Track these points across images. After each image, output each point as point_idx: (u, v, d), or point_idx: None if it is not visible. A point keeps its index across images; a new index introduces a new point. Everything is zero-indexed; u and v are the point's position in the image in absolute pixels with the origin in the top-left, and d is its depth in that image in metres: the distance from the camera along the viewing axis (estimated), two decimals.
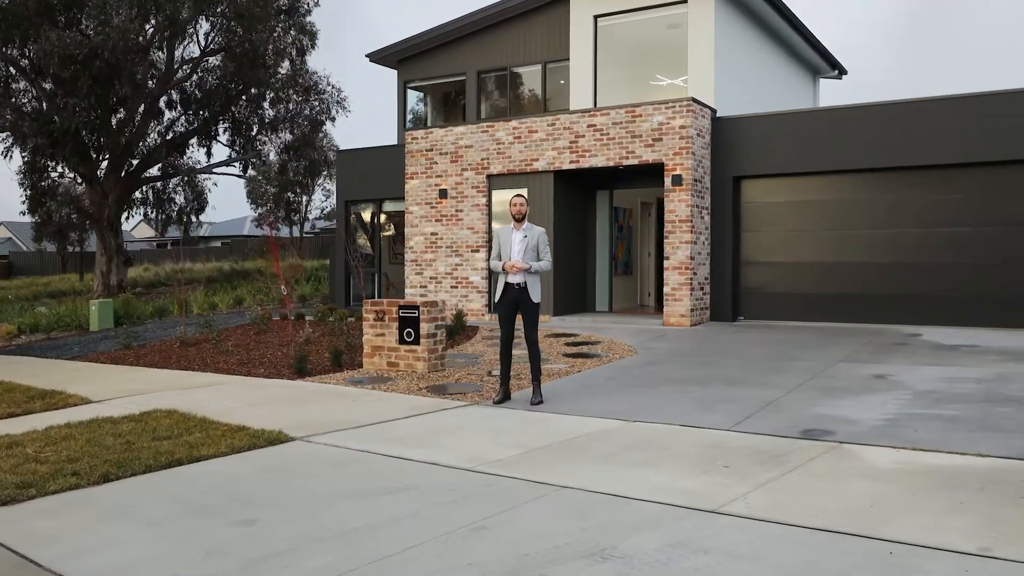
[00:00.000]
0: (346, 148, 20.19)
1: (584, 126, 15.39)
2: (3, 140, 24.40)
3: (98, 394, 9.23)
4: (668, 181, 14.63)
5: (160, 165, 27.09)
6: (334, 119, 29.01)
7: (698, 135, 14.79)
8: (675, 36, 16.44)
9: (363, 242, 20.23)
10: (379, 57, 20.67)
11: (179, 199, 28.15)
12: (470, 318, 15.73)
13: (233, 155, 28.51)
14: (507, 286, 8.31)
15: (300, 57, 27.45)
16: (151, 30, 24.49)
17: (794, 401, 7.95)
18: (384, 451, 6.33)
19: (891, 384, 8.71)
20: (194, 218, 28.54)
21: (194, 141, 27.88)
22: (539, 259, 8.31)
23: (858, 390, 8.44)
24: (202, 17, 25.00)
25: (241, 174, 29.51)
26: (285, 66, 26.91)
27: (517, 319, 8.42)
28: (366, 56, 20.77)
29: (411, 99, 21.26)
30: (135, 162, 26.13)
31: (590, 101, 17.07)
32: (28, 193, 26.16)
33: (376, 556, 4.14)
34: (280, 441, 6.70)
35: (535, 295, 8.28)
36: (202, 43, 25.96)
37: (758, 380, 9.18)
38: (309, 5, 26.79)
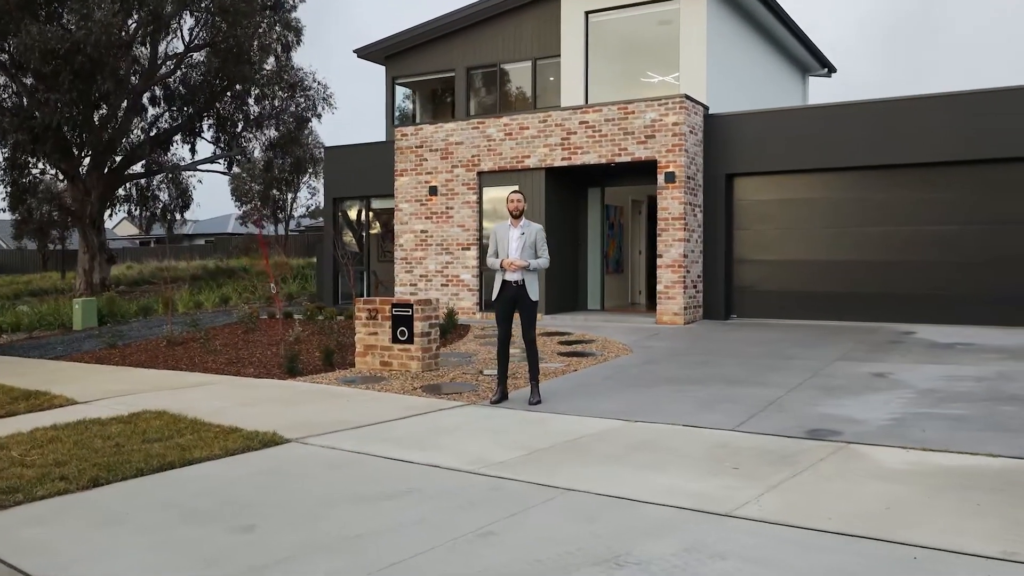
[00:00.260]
0: (334, 144, 19.97)
1: (576, 123, 15.27)
2: None
3: (84, 395, 9.01)
4: (661, 179, 14.53)
5: (144, 162, 26.71)
6: (320, 116, 28.73)
7: (691, 132, 14.69)
8: (667, 32, 16.35)
9: (349, 239, 20.02)
10: (367, 53, 20.46)
11: (163, 196, 27.76)
12: (461, 316, 15.58)
13: (218, 152, 28.18)
14: (504, 284, 8.16)
15: (285, 53, 27.14)
16: (134, 25, 24.16)
17: (796, 400, 7.85)
18: (383, 453, 6.17)
19: (892, 383, 8.64)
20: (179, 215, 28.13)
21: (178, 138, 27.53)
22: (537, 256, 8.17)
23: (859, 389, 8.36)
24: (186, 12, 24.66)
25: (226, 171, 29.17)
26: (270, 62, 26.61)
27: (514, 318, 8.29)
28: (354, 52, 20.55)
29: (398, 96, 21.06)
30: (118, 159, 25.74)
31: (581, 98, 16.94)
32: (8, 190, 25.71)
33: (382, 564, 3.99)
34: (275, 443, 6.52)
35: (533, 293, 8.14)
36: (186, 38, 25.63)
37: (757, 379, 9.09)
38: (294, 0, 26.51)
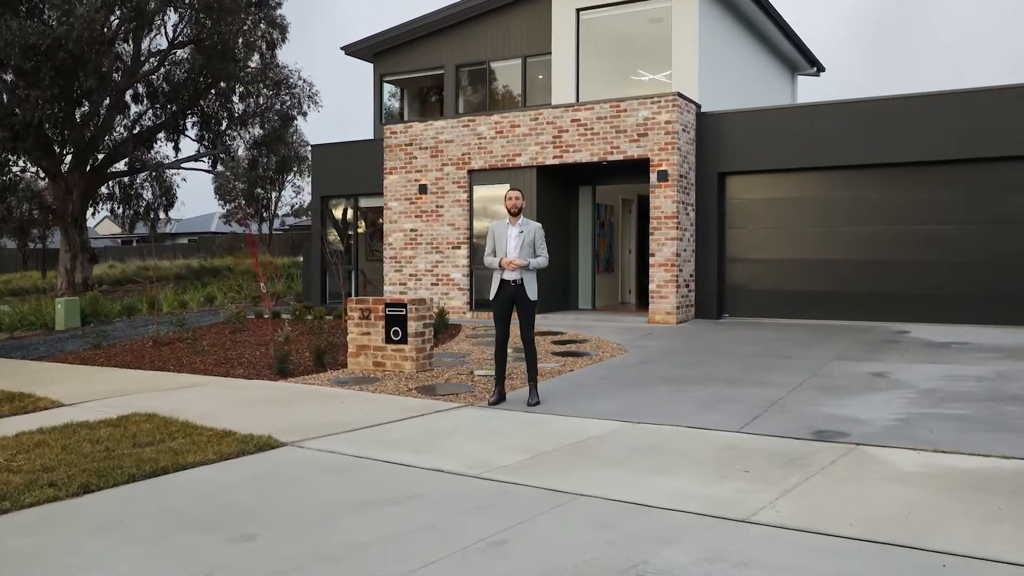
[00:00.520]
0: (322, 142, 19.73)
1: (568, 121, 15.13)
2: None
3: (70, 397, 8.78)
4: (654, 177, 14.42)
5: (127, 160, 26.36)
6: (305, 114, 28.43)
7: (683, 130, 14.59)
8: (658, 30, 16.24)
9: (334, 238, 19.79)
10: (354, 50, 20.24)
11: (147, 195, 27.41)
12: (452, 316, 15.41)
13: (201, 150, 27.85)
14: (503, 283, 8.02)
15: (270, 51, 26.84)
16: (116, 21, 23.81)
17: (798, 401, 7.75)
18: (382, 456, 6.01)
19: (892, 383, 8.55)
20: (163, 214, 27.78)
21: (162, 136, 27.18)
22: (536, 255, 8.02)
23: (860, 389, 8.27)
24: (170, 8, 24.34)
25: (210, 169, 28.86)
26: (255, 60, 26.30)
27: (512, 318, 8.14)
28: (341, 49, 20.34)
29: (384, 94, 20.85)
30: (100, 156, 25.38)
31: (572, 96, 16.81)
32: None
33: (391, 574, 3.83)
34: (270, 447, 6.34)
35: (532, 293, 8.00)
36: (170, 35, 25.29)
37: (756, 379, 8.98)
38: None
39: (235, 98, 27.52)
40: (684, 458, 5.82)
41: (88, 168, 24.84)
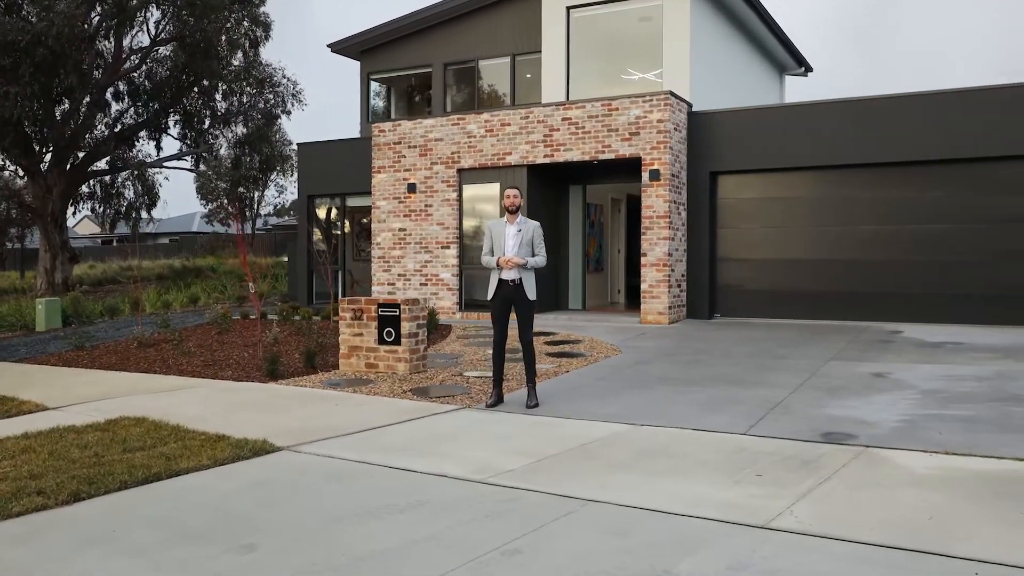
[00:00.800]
0: (309, 141, 19.47)
1: (559, 119, 14.99)
2: None
3: (55, 400, 8.53)
4: (645, 176, 14.31)
5: (108, 158, 25.96)
6: (289, 113, 28.14)
7: (675, 129, 14.49)
8: (649, 29, 16.14)
9: (318, 238, 19.53)
10: (341, 48, 20.02)
11: (128, 194, 26.99)
12: (441, 316, 15.24)
13: (184, 149, 27.49)
14: (501, 283, 7.86)
15: (253, 49, 26.54)
16: (97, 18, 23.44)
17: (801, 402, 7.65)
18: (383, 461, 5.83)
19: (893, 383, 8.47)
20: (145, 213, 27.36)
21: (143, 134, 26.80)
22: (534, 254, 7.88)
23: (862, 390, 8.18)
24: (152, 5, 23.99)
25: (192, 168, 28.49)
26: (238, 58, 25.99)
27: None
28: (328, 46, 20.11)
29: (373, 91, 20.64)
30: (81, 155, 24.97)
31: (562, 94, 16.68)
32: None
33: None
34: (266, 451, 6.15)
35: (531, 292, 7.85)
36: (152, 32, 24.92)
37: (755, 379, 8.88)
38: None
39: (218, 96, 27.17)
40: (693, 462, 5.69)
41: (68, 166, 24.44)
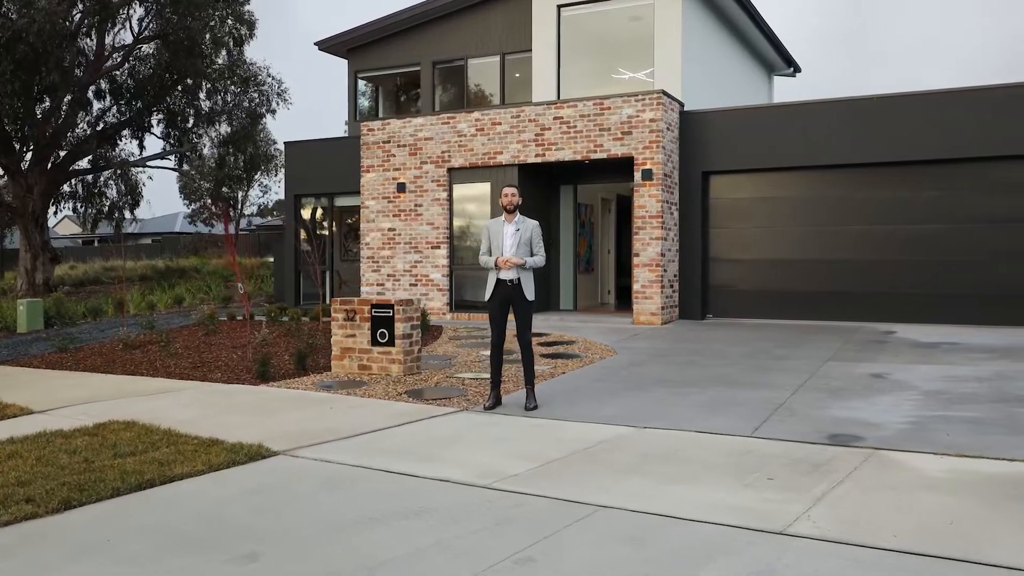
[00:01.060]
0: (296, 140, 19.24)
1: (550, 118, 14.87)
2: None
3: (40, 403, 8.30)
4: (638, 176, 14.20)
5: (90, 157, 25.60)
6: (274, 112, 27.87)
7: (668, 129, 14.40)
8: (639, 28, 16.04)
9: (304, 238, 19.30)
10: (328, 46, 19.81)
11: (111, 193, 26.63)
12: (432, 317, 15.08)
13: (167, 148, 27.16)
14: (499, 283, 7.72)
15: (238, 47, 26.27)
16: (79, 15, 23.10)
17: (803, 403, 7.55)
18: (383, 466, 5.68)
19: (893, 384, 8.40)
20: (128, 213, 27.01)
21: (126, 133, 26.46)
22: (533, 254, 7.74)
23: (863, 390, 8.11)
24: (135, 2, 23.67)
25: (176, 168, 28.17)
26: (222, 56, 25.71)
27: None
28: (315, 44, 19.89)
29: (360, 90, 20.44)
30: (63, 154, 24.61)
31: (553, 93, 16.55)
32: None
33: None
34: (262, 456, 5.98)
35: (529, 293, 7.71)
36: (135, 30, 24.59)
37: (754, 380, 8.79)
38: None
39: (202, 95, 26.88)
40: (700, 465, 5.57)
41: (50, 165, 24.08)
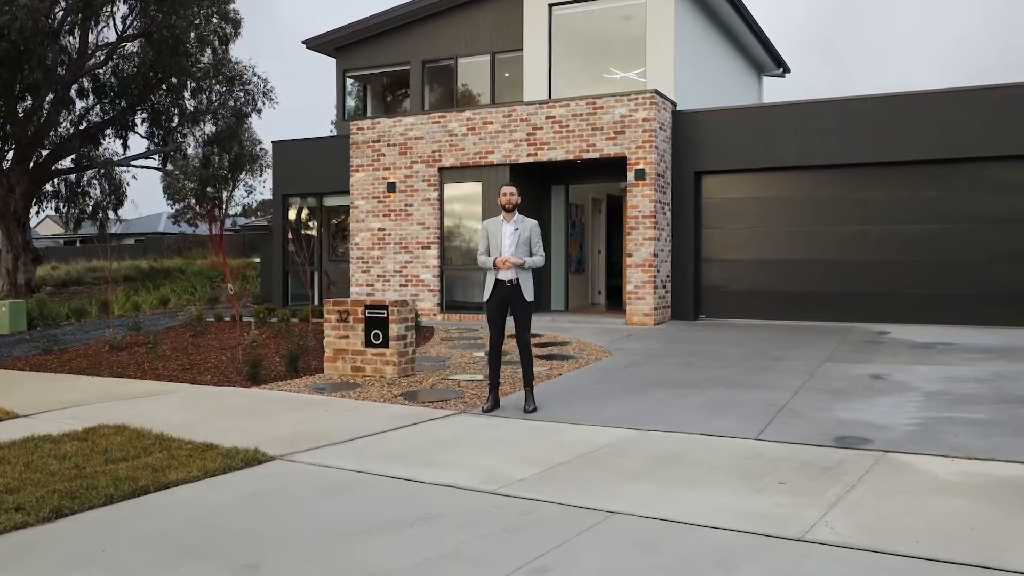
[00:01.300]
0: (284, 139, 19.03)
1: (542, 118, 14.75)
2: None
3: (26, 406, 8.09)
4: (631, 176, 14.11)
5: (73, 157, 25.26)
6: (260, 111, 27.58)
7: (660, 128, 14.32)
8: (631, 28, 15.95)
9: (293, 238, 19.09)
10: (317, 44, 19.62)
11: (95, 193, 26.27)
12: (423, 318, 14.92)
13: (152, 147, 26.84)
14: (497, 283, 7.59)
15: (223, 46, 25.99)
16: (62, 12, 22.78)
17: (805, 405, 7.47)
18: (383, 471, 5.54)
19: (893, 385, 8.34)
20: (112, 213, 26.66)
21: (110, 132, 26.12)
22: (532, 254, 7.62)
23: (864, 392, 8.03)
24: None
25: (160, 167, 27.85)
26: (207, 55, 25.43)
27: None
28: (303, 43, 19.69)
29: (348, 89, 20.25)
30: (45, 153, 24.26)
31: (544, 93, 16.43)
32: None
33: None
34: (258, 461, 5.82)
35: (529, 293, 7.59)
36: (119, 27, 24.29)
37: (753, 382, 8.70)
38: None
39: (186, 94, 26.58)
40: (708, 469, 5.47)
41: (32, 164, 23.74)
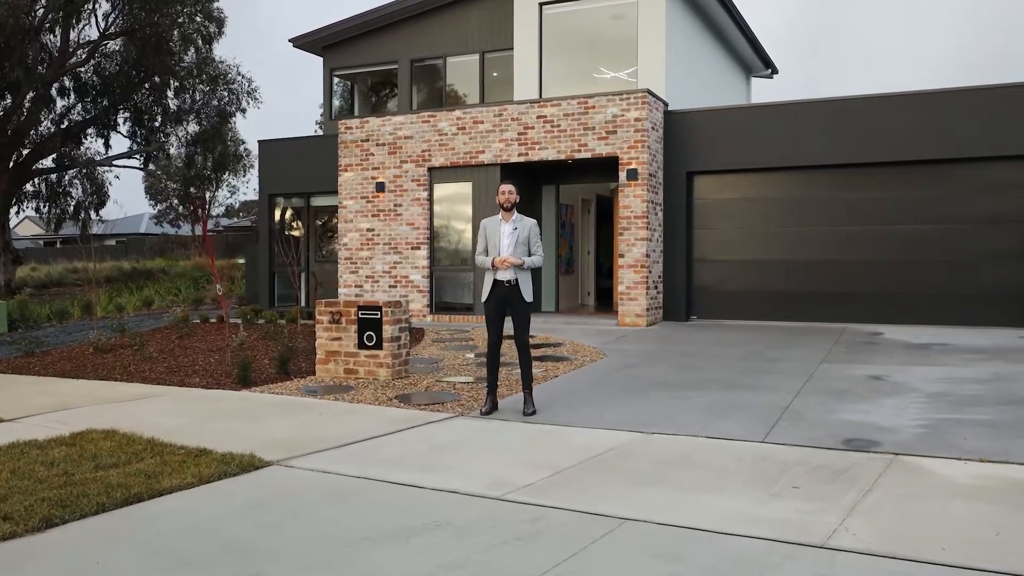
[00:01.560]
0: (270, 138, 18.79)
1: (534, 117, 14.61)
2: None
3: (9, 411, 7.86)
4: (623, 176, 14.00)
5: (54, 156, 24.88)
6: (244, 111, 27.32)
7: (652, 128, 14.22)
8: (622, 28, 15.84)
9: (281, 239, 18.86)
10: (303, 42, 19.38)
11: (76, 192, 25.90)
12: (412, 319, 14.73)
13: (134, 147, 26.50)
14: (496, 284, 7.45)
15: (207, 45, 25.71)
16: (43, 10, 22.44)
17: (808, 406, 7.36)
18: (384, 477, 5.37)
19: (894, 386, 8.26)
20: (94, 213, 26.31)
21: (92, 131, 25.76)
22: (531, 254, 7.48)
23: (866, 393, 7.95)
24: None
25: (142, 167, 27.52)
26: (191, 54, 25.14)
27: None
28: (289, 41, 19.45)
29: (336, 88, 20.04)
30: (25, 152, 23.89)
31: (535, 92, 16.29)
32: None
33: None
34: (255, 467, 5.64)
35: (527, 293, 7.45)
36: (101, 25, 23.95)
37: (752, 383, 8.60)
38: None
39: (170, 93, 26.31)
40: (719, 473, 5.34)
41: (11, 164, 23.36)
